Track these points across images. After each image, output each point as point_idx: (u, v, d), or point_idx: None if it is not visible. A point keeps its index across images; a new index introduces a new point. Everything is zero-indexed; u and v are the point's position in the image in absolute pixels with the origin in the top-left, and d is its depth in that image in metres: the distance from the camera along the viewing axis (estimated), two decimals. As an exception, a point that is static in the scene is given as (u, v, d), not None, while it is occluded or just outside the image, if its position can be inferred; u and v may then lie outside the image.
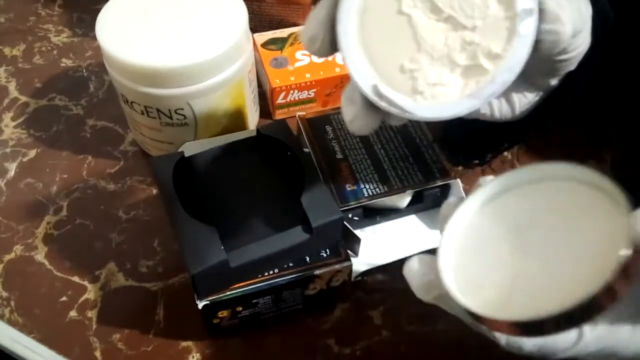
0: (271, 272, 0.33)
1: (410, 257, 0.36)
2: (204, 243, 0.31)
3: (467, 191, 0.40)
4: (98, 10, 0.40)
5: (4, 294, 0.38)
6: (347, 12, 0.26)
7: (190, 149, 0.38)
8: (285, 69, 0.46)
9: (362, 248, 0.37)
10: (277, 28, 0.51)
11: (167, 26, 0.39)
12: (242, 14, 0.40)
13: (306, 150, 0.40)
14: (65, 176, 0.44)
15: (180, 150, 0.37)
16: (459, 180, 0.38)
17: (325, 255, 0.34)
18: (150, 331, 0.36)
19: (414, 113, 0.25)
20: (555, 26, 0.24)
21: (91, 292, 0.38)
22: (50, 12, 0.59)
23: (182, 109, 0.39)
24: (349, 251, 0.35)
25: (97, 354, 0.35)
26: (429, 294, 0.26)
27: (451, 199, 0.27)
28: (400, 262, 0.37)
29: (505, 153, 0.44)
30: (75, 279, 0.38)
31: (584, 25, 0.26)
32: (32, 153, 0.46)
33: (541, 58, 0.26)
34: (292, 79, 0.46)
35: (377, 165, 0.39)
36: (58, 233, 0.41)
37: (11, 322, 0.36)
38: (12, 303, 0.37)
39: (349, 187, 0.38)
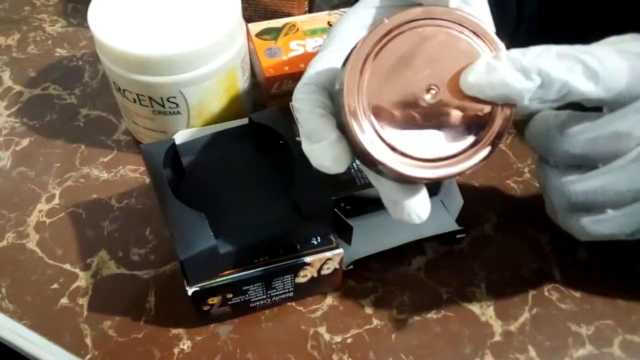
0: (261, 259, 0.33)
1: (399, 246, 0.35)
2: (194, 229, 0.31)
3: (460, 180, 0.40)
4: (92, 0, 0.40)
5: (-4, 281, 0.38)
6: None
7: (183, 137, 0.38)
8: (279, 58, 0.46)
9: (354, 237, 0.37)
10: (271, 18, 0.51)
11: (159, 13, 0.39)
12: (236, 2, 0.40)
13: (298, 139, 0.40)
14: (58, 165, 0.44)
15: (172, 138, 0.37)
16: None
17: (316, 243, 0.34)
18: (141, 318, 0.36)
19: None
20: None
21: (82, 280, 0.38)
22: (45, 1, 0.59)
23: (175, 97, 0.39)
24: (340, 240, 0.35)
25: (88, 340, 0.35)
26: None
27: None
28: (392, 252, 0.37)
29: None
30: (67, 266, 0.38)
31: None
32: (25, 142, 0.46)
33: None
34: (286, 68, 0.45)
35: (369, 155, 0.39)
36: (50, 221, 0.41)
37: (2, 309, 0.36)
38: (3, 290, 0.37)
39: (341, 176, 0.38)
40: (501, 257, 0.39)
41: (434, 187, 0.40)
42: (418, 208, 0.26)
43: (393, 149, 0.24)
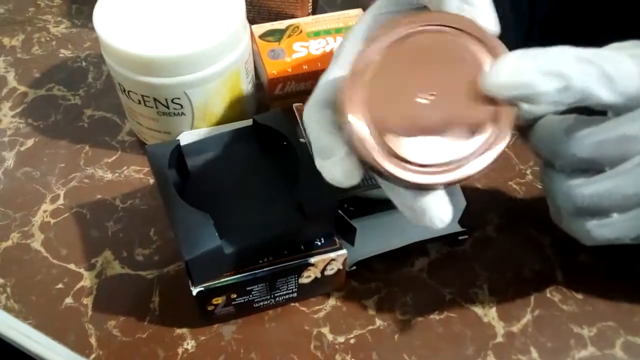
0: (266, 259, 0.33)
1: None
2: (198, 229, 0.31)
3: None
4: (97, 2, 0.40)
5: (0, 281, 0.38)
6: None
7: (187, 138, 0.38)
8: (282, 60, 0.46)
9: (358, 238, 0.37)
10: (275, 20, 0.51)
11: (164, 15, 0.39)
12: (240, 4, 0.40)
13: (302, 140, 0.40)
14: (63, 165, 0.45)
15: (177, 139, 0.37)
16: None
17: (319, 243, 0.34)
18: (145, 318, 0.36)
19: None
20: None
21: (87, 280, 0.38)
22: (50, 3, 0.59)
23: (179, 99, 0.39)
24: (344, 240, 0.35)
25: (93, 340, 0.35)
26: None
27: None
28: (395, 253, 0.37)
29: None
30: (72, 266, 0.39)
31: None
32: (30, 142, 0.46)
33: None
34: (290, 70, 0.46)
35: (372, 156, 0.39)
36: (55, 221, 0.41)
37: (7, 309, 0.37)
38: (8, 290, 0.38)
39: (344, 177, 0.38)
40: (503, 259, 0.39)
41: (437, 188, 0.40)
42: (438, 211, 0.25)
43: (399, 158, 0.24)
